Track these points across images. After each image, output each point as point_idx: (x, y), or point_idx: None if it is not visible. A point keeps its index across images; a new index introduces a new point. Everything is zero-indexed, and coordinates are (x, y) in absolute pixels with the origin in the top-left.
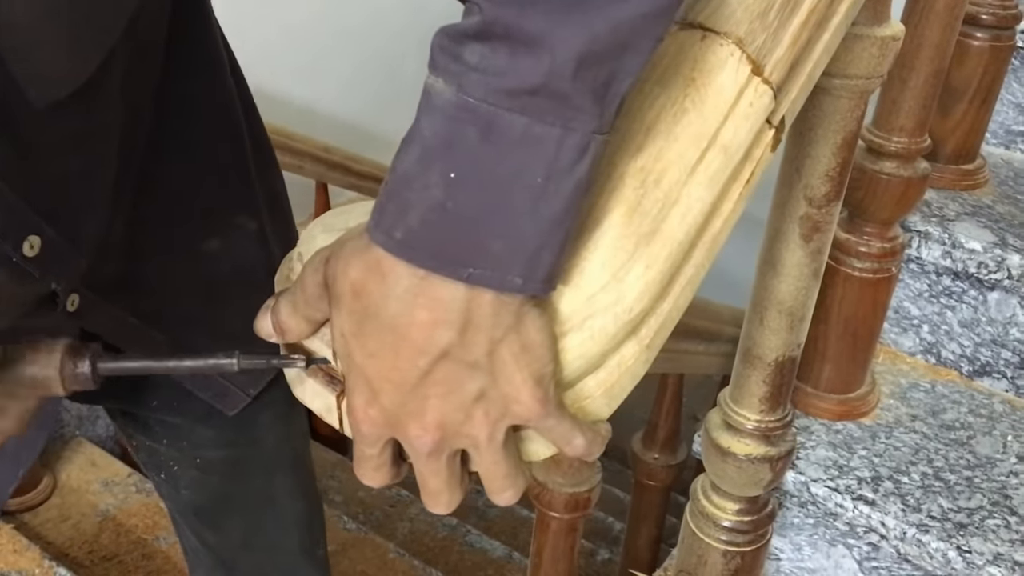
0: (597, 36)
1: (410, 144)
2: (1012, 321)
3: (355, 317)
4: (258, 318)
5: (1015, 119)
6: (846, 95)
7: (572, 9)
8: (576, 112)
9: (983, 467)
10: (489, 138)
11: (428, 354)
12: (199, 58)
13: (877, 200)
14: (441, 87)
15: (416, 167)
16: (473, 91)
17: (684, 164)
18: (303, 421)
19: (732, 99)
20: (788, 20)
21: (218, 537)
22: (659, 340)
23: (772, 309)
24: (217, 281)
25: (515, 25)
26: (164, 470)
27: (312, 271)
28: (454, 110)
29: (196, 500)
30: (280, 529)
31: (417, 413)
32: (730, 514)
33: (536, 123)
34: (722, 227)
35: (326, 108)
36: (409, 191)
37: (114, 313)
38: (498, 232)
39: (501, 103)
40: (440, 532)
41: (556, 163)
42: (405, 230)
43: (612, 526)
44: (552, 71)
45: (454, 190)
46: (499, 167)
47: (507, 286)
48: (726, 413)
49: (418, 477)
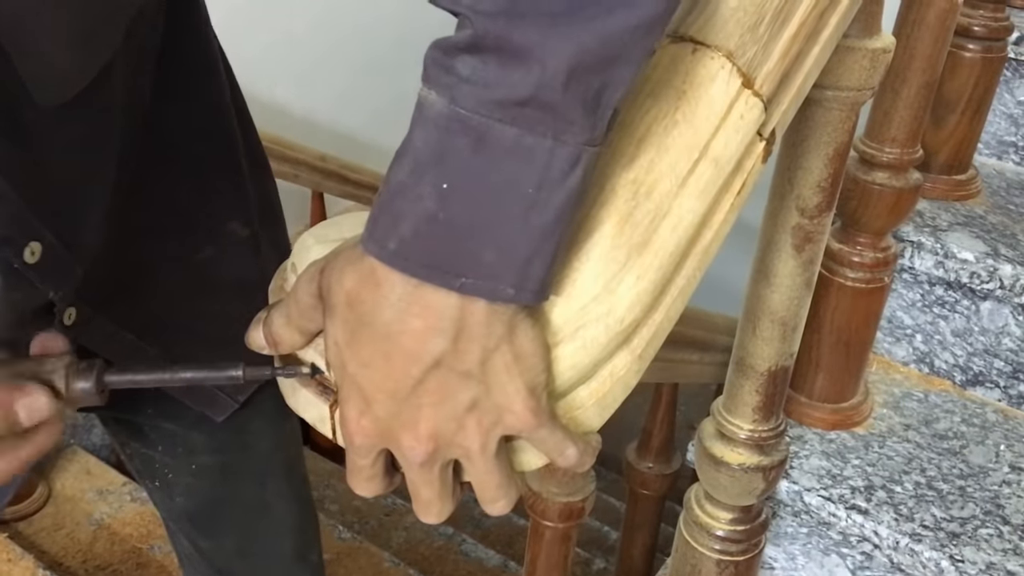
0: (586, 49)
1: (403, 156)
2: (1005, 331)
3: (349, 326)
4: (250, 330)
5: (1007, 130)
6: (837, 107)
7: (561, 22)
8: (567, 124)
9: (976, 476)
10: (481, 149)
11: (421, 362)
12: (193, 64)
13: (870, 210)
14: (433, 99)
15: (409, 178)
16: (465, 102)
17: (675, 176)
18: (296, 426)
19: (723, 111)
20: (778, 33)
21: (212, 543)
22: (651, 350)
23: (765, 319)
24: (211, 290)
25: (505, 37)
26: (158, 477)
27: (306, 282)
28: (446, 121)
29: (190, 506)
30: (273, 534)
31: (410, 423)
32: (724, 523)
33: (527, 134)
34: (713, 238)
35: (323, 117)
36: (402, 202)
37: (107, 327)
38: (490, 242)
39: (492, 114)
40: (436, 541)
41: (547, 174)
42: (398, 240)
43: (608, 535)
44: (542, 83)
45: (446, 201)
46: (491, 178)
47: (499, 296)
48: (719, 423)
49: (410, 487)
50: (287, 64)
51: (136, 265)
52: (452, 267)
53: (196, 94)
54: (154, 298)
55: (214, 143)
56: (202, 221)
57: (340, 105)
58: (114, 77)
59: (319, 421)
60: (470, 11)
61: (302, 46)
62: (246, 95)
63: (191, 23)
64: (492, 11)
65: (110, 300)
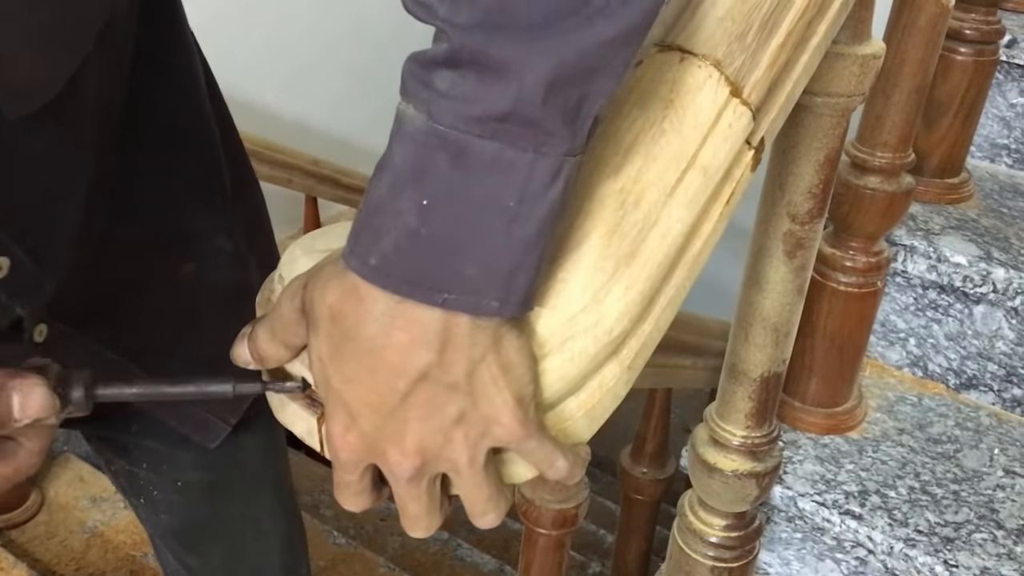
0: (564, 61)
1: (383, 171)
2: (998, 334)
3: (332, 341)
4: (235, 346)
5: (1000, 132)
6: (828, 113)
7: (539, 36)
8: (547, 136)
9: (970, 481)
10: (460, 165)
11: (407, 375)
12: (171, 75)
13: (862, 215)
14: (412, 114)
15: (389, 194)
16: (443, 118)
17: (663, 185)
18: (283, 441)
19: (711, 120)
20: (766, 42)
21: (199, 560)
22: (640, 361)
23: (757, 325)
24: (194, 306)
25: (483, 52)
26: (144, 494)
27: (289, 297)
28: (424, 137)
29: (176, 523)
30: (262, 551)
31: (396, 437)
32: (717, 530)
33: (507, 148)
34: (702, 247)
35: (315, 122)
36: (383, 217)
37: (88, 346)
38: (472, 257)
39: (471, 129)
40: (431, 546)
41: (528, 187)
42: (379, 256)
43: (603, 538)
44: (521, 97)
45: (426, 217)
46: (471, 193)
47: (483, 310)
48: (712, 429)
49: (398, 502)
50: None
51: (117, 283)
52: (434, 283)
53: (174, 104)
54: (139, 315)
55: (195, 155)
56: (183, 237)
57: (333, 109)
58: (85, 88)
59: (307, 434)
60: (446, 24)
61: (294, 50)
62: (238, 100)
63: (168, 33)
64: (468, 24)
65: (91, 319)
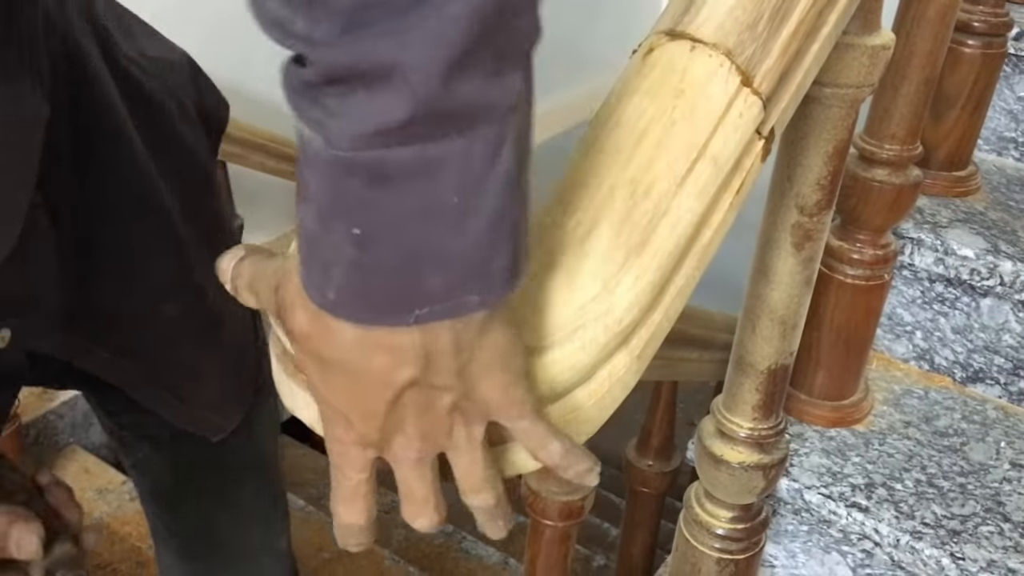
0: (449, 38)
1: (306, 202)
2: (1005, 327)
3: (311, 358)
4: (224, 257)
5: (1007, 126)
6: (837, 104)
7: (412, 23)
8: (471, 112)
9: (976, 474)
10: (377, 184)
11: (392, 388)
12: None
13: (869, 207)
14: (309, 136)
15: (319, 227)
16: (340, 142)
17: (674, 175)
18: (276, 422)
19: (721, 110)
20: (777, 31)
21: (178, 525)
22: (650, 350)
23: (764, 317)
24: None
25: (357, 62)
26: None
27: (267, 287)
28: (327, 167)
29: (158, 489)
30: (236, 520)
31: (398, 428)
32: (724, 522)
33: (429, 146)
34: (712, 237)
35: None
36: (322, 250)
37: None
38: (431, 269)
39: (374, 144)
40: (436, 539)
41: (468, 174)
42: (335, 290)
43: (608, 531)
44: (417, 94)
45: (364, 246)
46: (402, 207)
47: (464, 309)
48: (719, 421)
49: (404, 489)
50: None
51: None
52: (400, 305)
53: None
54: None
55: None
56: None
57: None
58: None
59: (315, 423)
60: (308, 46)
61: None
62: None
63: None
64: (330, 39)
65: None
